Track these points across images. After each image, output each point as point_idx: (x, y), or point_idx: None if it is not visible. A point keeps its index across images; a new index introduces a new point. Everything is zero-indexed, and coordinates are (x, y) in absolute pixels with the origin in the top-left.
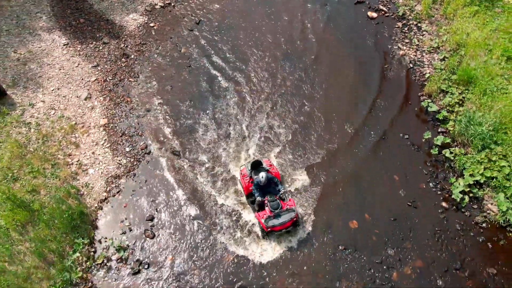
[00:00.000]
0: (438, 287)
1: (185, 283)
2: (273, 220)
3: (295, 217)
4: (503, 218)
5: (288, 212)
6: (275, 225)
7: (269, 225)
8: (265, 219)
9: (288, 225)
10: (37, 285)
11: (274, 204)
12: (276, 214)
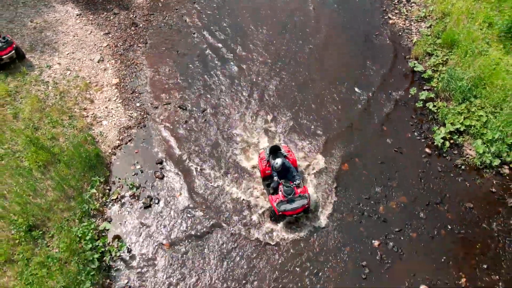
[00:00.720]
0: (420, 218)
1: (191, 216)
2: (285, 205)
3: (307, 204)
4: (480, 160)
5: (301, 199)
6: (286, 209)
7: (281, 209)
8: (277, 203)
9: (299, 211)
10: (59, 215)
11: (288, 189)
12: (289, 199)
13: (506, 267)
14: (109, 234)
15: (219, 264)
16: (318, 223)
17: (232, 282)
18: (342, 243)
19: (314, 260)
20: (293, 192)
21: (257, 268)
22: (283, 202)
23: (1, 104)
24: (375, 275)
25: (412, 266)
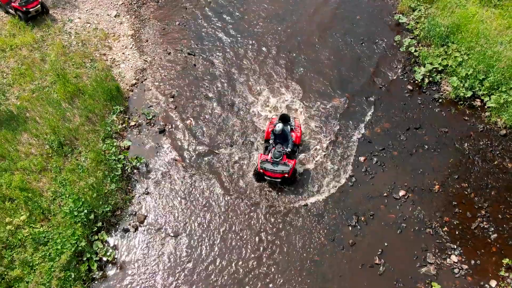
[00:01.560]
0: (401, 140)
1: (198, 138)
2: (268, 164)
3: (287, 173)
4: (455, 93)
5: (283, 166)
6: (266, 169)
7: (262, 166)
8: (261, 161)
9: (277, 176)
10: (85, 136)
11: (277, 153)
12: (273, 162)
13: (474, 177)
14: (130, 151)
15: (224, 174)
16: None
17: (232, 186)
18: (332, 164)
19: (306, 174)
20: (280, 157)
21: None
22: (268, 162)
23: (30, 49)
24: (361, 183)
25: (393, 176)
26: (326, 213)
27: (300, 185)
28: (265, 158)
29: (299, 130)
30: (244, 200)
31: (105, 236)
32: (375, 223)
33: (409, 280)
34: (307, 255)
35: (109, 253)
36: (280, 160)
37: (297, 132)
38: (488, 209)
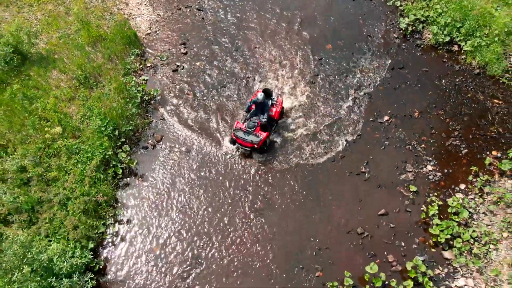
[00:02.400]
0: (386, 77)
1: (206, 77)
2: (240, 132)
3: (256, 144)
4: (435, 39)
5: (254, 136)
6: (237, 136)
7: (235, 133)
8: (235, 128)
9: (247, 145)
10: (108, 72)
11: (251, 124)
12: (246, 131)
13: (450, 107)
14: (147, 85)
15: (227, 105)
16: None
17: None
18: (327, 96)
19: (307, 105)
20: (254, 128)
21: None
22: (241, 130)
23: (55, 4)
24: (350, 112)
25: (378, 106)
26: (319, 134)
27: (305, 108)
28: (240, 127)
29: (280, 106)
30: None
31: (128, 148)
32: (362, 142)
33: (390, 184)
34: (303, 164)
35: (131, 163)
36: (253, 131)
37: (277, 107)
38: (460, 131)
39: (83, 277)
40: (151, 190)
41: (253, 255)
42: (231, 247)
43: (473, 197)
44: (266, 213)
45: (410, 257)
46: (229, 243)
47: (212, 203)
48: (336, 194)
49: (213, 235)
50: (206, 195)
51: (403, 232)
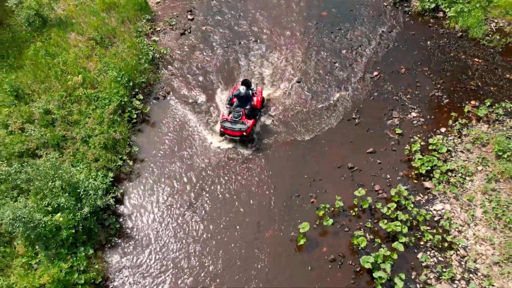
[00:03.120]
0: (376, 39)
1: (213, 39)
2: (227, 123)
3: (245, 131)
4: (422, 6)
5: (241, 124)
6: (226, 127)
7: (222, 125)
8: (222, 120)
9: (236, 134)
10: (121, 34)
11: (236, 114)
12: (232, 121)
13: (434, 64)
14: (157, 45)
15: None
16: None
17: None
18: (323, 53)
19: (304, 64)
20: (239, 117)
21: None
22: (227, 121)
23: None
24: (343, 67)
25: (370, 62)
26: (316, 87)
27: (303, 66)
28: (226, 118)
29: (260, 95)
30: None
31: (141, 97)
32: (353, 93)
33: (378, 128)
34: (301, 111)
35: (144, 109)
36: (239, 120)
37: (258, 97)
38: (443, 85)
39: (106, 196)
40: (161, 133)
41: (256, 187)
42: (235, 183)
43: (452, 138)
44: (266, 154)
45: (395, 186)
46: (234, 180)
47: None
48: (329, 137)
49: (220, 171)
50: (210, 130)
51: (389, 167)
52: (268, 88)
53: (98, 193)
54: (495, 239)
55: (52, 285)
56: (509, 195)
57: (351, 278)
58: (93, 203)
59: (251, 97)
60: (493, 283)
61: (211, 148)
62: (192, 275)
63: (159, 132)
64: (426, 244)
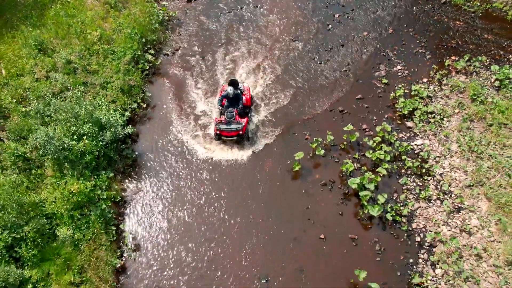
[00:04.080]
0: (365, 6)
1: (218, 6)
2: (222, 125)
3: (241, 130)
4: None
5: (236, 124)
6: (222, 129)
7: (218, 127)
8: (217, 123)
9: (233, 134)
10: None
11: (229, 114)
12: (227, 122)
13: (419, 26)
14: (167, 9)
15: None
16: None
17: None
18: (316, 19)
19: (302, 25)
20: (233, 117)
21: None
22: (222, 123)
23: None
24: (335, 28)
25: (358, 25)
26: (310, 44)
27: (300, 25)
28: (220, 120)
29: (248, 93)
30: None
31: (152, 52)
32: (344, 50)
33: (366, 79)
34: (299, 62)
35: (156, 62)
36: (233, 120)
37: (247, 95)
38: (426, 43)
39: (124, 128)
40: (171, 83)
41: None
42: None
43: (433, 87)
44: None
45: (380, 125)
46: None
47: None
48: (321, 85)
49: None
50: (214, 81)
51: (375, 110)
52: (264, 50)
53: (118, 124)
54: (468, 167)
55: (79, 196)
56: (481, 132)
57: (340, 199)
58: (113, 131)
59: (241, 96)
60: (464, 202)
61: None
62: (200, 196)
63: (168, 82)
64: (407, 171)
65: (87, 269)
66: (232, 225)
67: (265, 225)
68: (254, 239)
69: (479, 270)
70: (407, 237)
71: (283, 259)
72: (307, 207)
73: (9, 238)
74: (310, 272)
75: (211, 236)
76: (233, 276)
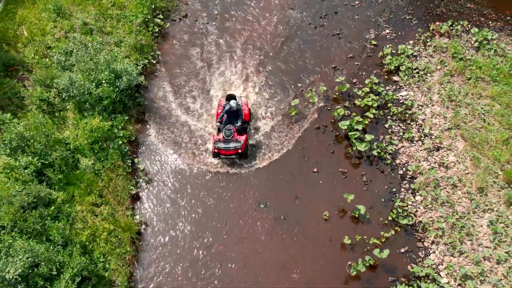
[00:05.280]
0: None
1: None
2: (220, 144)
3: (240, 148)
4: None
5: (235, 142)
6: (220, 148)
7: (216, 146)
8: (215, 141)
9: (232, 153)
10: None
11: (227, 132)
12: (225, 140)
13: None
14: None
15: None
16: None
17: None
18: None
19: None
20: (231, 135)
21: None
22: (220, 141)
23: None
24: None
25: None
26: (306, 12)
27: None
28: (218, 138)
29: (247, 107)
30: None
31: (161, 17)
32: (336, 17)
33: (358, 41)
34: (295, 26)
35: (164, 26)
36: (232, 138)
37: (245, 110)
38: (413, 11)
39: (138, 77)
40: (178, 45)
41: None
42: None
43: (418, 47)
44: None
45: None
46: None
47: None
48: (315, 48)
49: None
50: (217, 45)
51: (365, 67)
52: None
53: (133, 71)
54: (447, 114)
55: (99, 132)
56: (460, 85)
57: (332, 140)
58: (128, 79)
59: (241, 111)
60: (443, 142)
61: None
62: (203, 133)
63: (176, 44)
64: (392, 117)
65: (106, 193)
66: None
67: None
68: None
69: (454, 197)
70: (391, 171)
71: (280, 189)
72: (302, 147)
73: (39, 163)
74: (304, 199)
75: (216, 179)
76: (236, 201)
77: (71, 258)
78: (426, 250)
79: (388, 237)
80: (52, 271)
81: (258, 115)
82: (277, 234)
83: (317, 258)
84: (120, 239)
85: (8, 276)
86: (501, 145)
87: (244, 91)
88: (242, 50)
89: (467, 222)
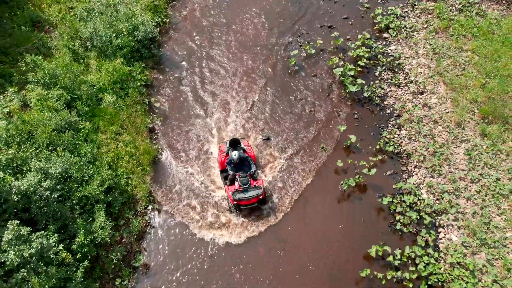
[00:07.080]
0: None
1: None
2: (240, 194)
3: (261, 194)
4: None
5: (255, 189)
6: (241, 199)
7: (236, 198)
8: (232, 192)
9: (253, 201)
10: None
11: (244, 180)
12: (244, 189)
13: None
14: None
15: None
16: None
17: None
18: None
19: None
20: (248, 182)
21: None
22: (238, 191)
23: None
24: None
25: None
26: None
27: None
28: (235, 189)
29: (251, 149)
30: None
31: None
32: None
33: (352, 4)
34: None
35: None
36: (249, 185)
37: (250, 152)
38: None
39: (154, 28)
40: (189, 8)
41: (258, 31)
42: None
43: (407, 9)
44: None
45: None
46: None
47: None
48: (312, 18)
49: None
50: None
51: (358, 26)
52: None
53: (149, 23)
54: (431, 65)
55: (119, 72)
56: (444, 40)
57: (327, 85)
58: (145, 29)
59: (248, 157)
60: (427, 87)
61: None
62: (213, 85)
63: (187, 8)
64: (382, 66)
65: (127, 125)
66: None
67: (268, 98)
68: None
69: (435, 131)
70: (380, 111)
71: (281, 124)
72: (301, 92)
73: (68, 96)
74: (301, 134)
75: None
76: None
77: (99, 170)
78: (409, 173)
79: (375, 162)
80: (84, 177)
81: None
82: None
83: (314, 182)
84: (140, 161)
85: (51, 171)
86: (478, 88)
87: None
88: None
89: (446, 150)
